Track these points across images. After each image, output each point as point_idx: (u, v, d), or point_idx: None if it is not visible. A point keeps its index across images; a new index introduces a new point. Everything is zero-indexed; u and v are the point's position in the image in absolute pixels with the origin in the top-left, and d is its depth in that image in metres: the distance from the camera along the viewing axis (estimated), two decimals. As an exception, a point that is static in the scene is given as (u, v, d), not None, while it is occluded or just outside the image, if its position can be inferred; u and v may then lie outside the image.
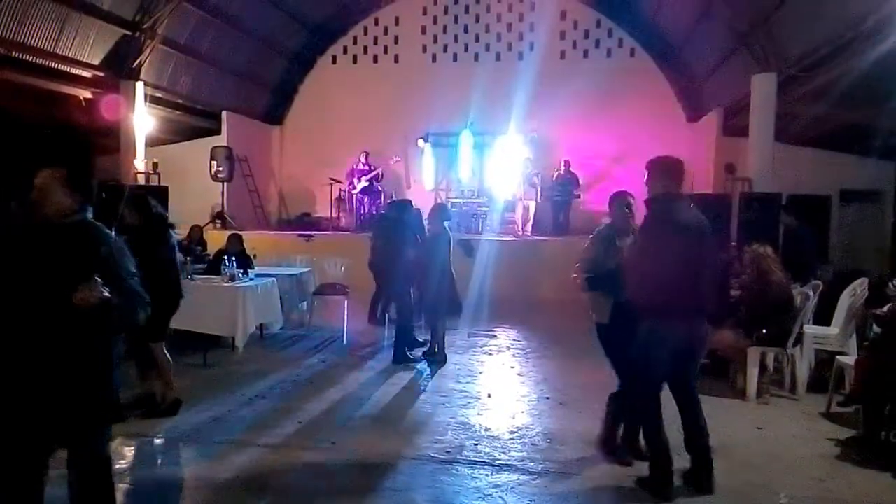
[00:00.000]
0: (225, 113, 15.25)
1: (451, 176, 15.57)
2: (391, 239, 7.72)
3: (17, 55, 10.36)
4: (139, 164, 12.53)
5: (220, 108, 15.25)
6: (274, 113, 17.40)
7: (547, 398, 6.02)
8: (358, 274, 9.06)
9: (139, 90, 12.55)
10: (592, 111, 14.94)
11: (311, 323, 8.86)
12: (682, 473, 4.08)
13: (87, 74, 11.91)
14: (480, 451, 4.68)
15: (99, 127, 12.33)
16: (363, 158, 14.61)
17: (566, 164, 14.26)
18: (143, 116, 12.67)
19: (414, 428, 5.16)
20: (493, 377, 6.80)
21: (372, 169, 14.55)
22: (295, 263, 9.58)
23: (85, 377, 2.74)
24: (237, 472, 4.27)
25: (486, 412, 5.58)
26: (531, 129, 14.78)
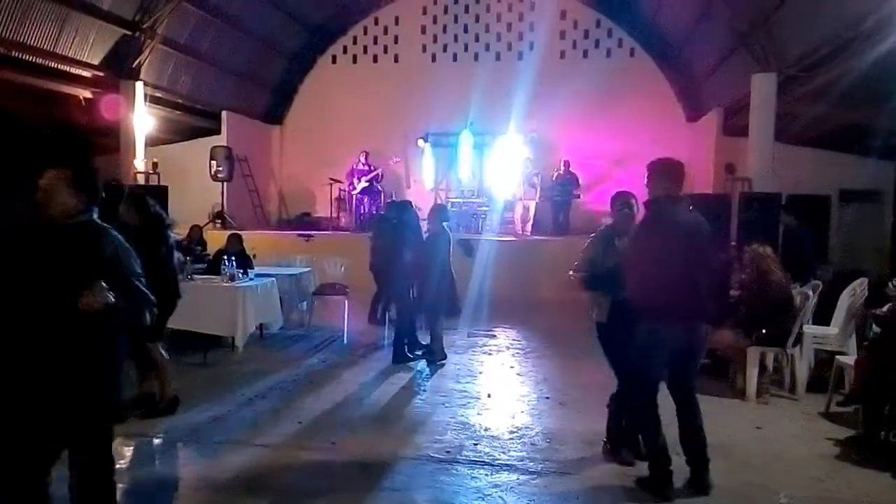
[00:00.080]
0: (225, 113, 15.25)
1: (450, 176, 15.57)
2: (390, 240, 7.72)
3: (16, 55, 10.35)
4: (139, 163, 12.53)
5: (219, 107, 15.25)
6: (274, 113, 17.40)
7: (546, 398, 6.02)
8: (357, 274, 9.06)
9: (139, 90, 12.54)
10: (592, 111, 14.93)
11: (310, 323, 8.86)
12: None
13: (86, 74, 11.90)
14: (480, 450, 4.69)
15: (99, 127, 12.33)
16: (363, 158, 14.60)
17: (566, 164, 14.26)
18: (142, 116, 12.67)
19: (413, 428, 5.16)
20: (492, 377, 6.80)
21: (372, 169, 14.54)
22: (295, 263, 9.58)
23: (87, 377, 2.74)
24: (237, 471, 4.28)
25: (485, 412, 5.58)
26: (531, 129, 14.78)
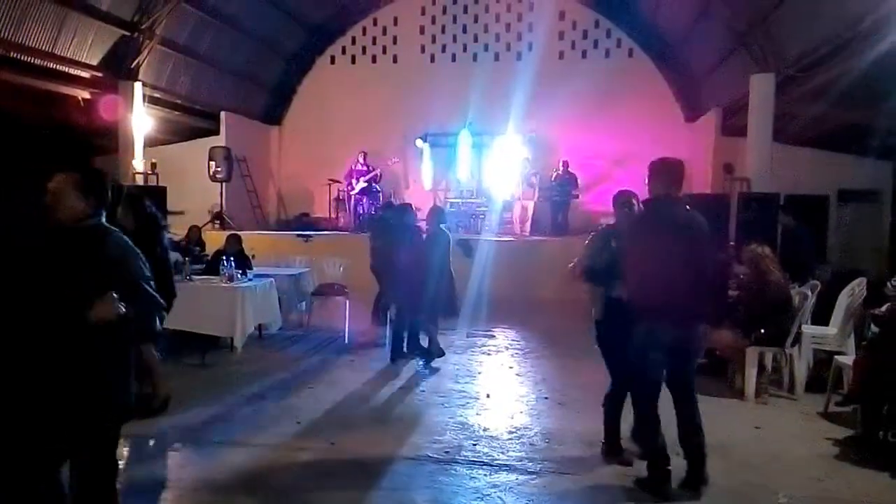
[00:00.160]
0: (223, 113, 15.23)
1: (449, 176, 15.56)
2: (388, 240, 7.72)
3: (15, 55, 10.33)
4: (138, 164, 12.51)
5: (218, 108, 15.23)
6: (272, 113, 17.39)
7: (545, 398, 6.02)
8: (357, 274, 9.06)
9: (137, 90, 12.52)
10: (591, 111, 14.93)
11: (309, 323, 8.86)
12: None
13: (85, 75, 11.89)
14: (479, 451, 4.68)
15: (97, 127, 12.31)
16: (361, 159, 14.60)
17: (565, 164, 14.26)
18: (141, 117, 12.65)
19: (412, 428, 5.15)
20: (491, 377, 6.80)
21: (370, 169, 14.55)
22: (293, 264, 9.58)
23: (95, 379, 2.71)
24: (236, 472, 4.27)
25: (484, 412, 5.58)
26: (530, 129, 14.78)
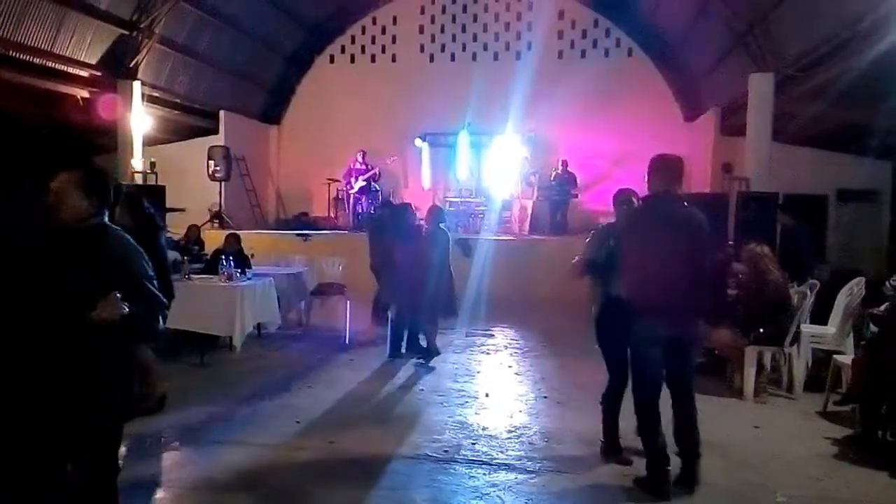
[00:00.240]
0: (222, 112, 15.20)
1: (448, 175, 15.57)
2: (386, 239, 7.72)
3: (14, 54, 10.31)
4: (136, 163, 12.48)
5: (217, 107, 15.21)
6: (271, 112, 17.37)
7: (545, 397, 6.02)
8: (356, 273, 9.05)
9: (136, 90, 12.49)
10: (590, 111, 14.92)
11: (308, 322, 8.86)
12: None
13: (84, 74, 11.87)
14: (478, 450, 4.69)
15: (96, 126, 12.28)
16: (360, 158, 14.59)
17: (564, 163, 14.27)
18: (140, 116, 12.62)
19: (412, 427, 5.15)
20: (490, 376, 6.80)
21: (369, 168, 14.54)
22: (292, 263, 9.56)
23: (92, 378, 2.70)
24: (235, 471, 4.27)
25: (483, 411, 5.58)
26: (529, 128, 14.78)
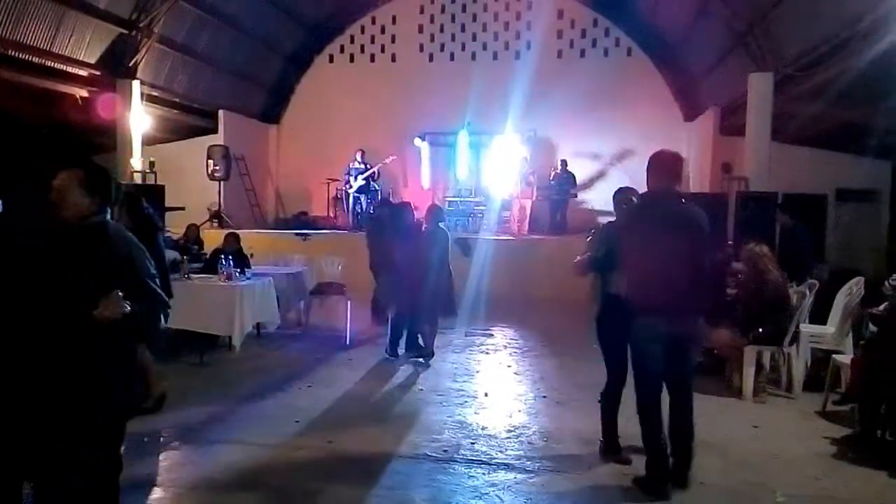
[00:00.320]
0: (222, 112, 15.20)
1: (448, 175, 15.57)
2: (384, 238, 7.72)
3: (13, 53, 10.31)
4: (136, 163, 12.47)
5: (216, 106, 15.20)
6: (271, 112, 17.37)
7: (544, 397, 6.02)
8: (355, 273, 9.04)
9: (136, 89, 12.48)
10: (589, 110, 14.91)
11: (308, 322, 8.86)
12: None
13: (83, 73, 11.86)
14: (477, 449, 4.68)
15: (95, 126, 12.28)
16: (359, 157, 14.58)
17: (563, 163, 14.27)
18: (139, 115, 12.61)
19: (411, 427, 5.15)
20: (489, 376, 6.80)
21: (368, 167, 14.54)
22: (292, 262, 9.56)
23: (93, 377, 2.68)
24: (235, 470, 4.27)
25: (482, 411, 5.58)
26: (528, 128, 14.78)
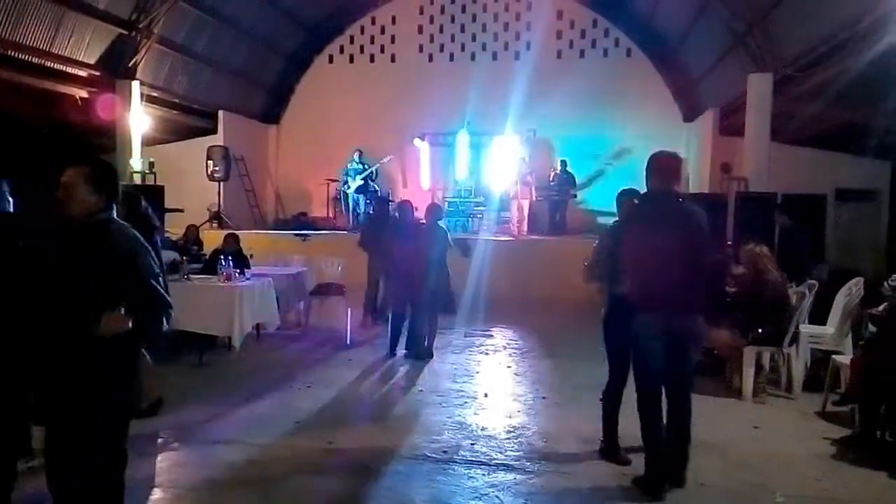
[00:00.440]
0: (221, 112, 15.22)
1: (448, 175, 15.57)
2: (383, 238, 7.72)
3: (12, 54, 10.31)
4: (135, 163, 12.48)
5: (216, 107, 15.22)
6: (270, 112, 17.38)
7: (543, 398, 6.02)
8: (355, 273, 9.05)
9: (135, 89, 12.49)
10: (589, 110, 14.95)
11: (307, 323, 8.85)
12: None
13: (83, 73, 11.86)
14: (477, 450, 4.68)
15: (95, 126, 12.27)
16: (356, 157, 14.59)
17: (563, 163, 14.28)
18: (139, 116, 12.61)
19: (411, 427, 5.15)
20: (489, 377, 6.80)
21: (366, 167, 14.54)
22: (291, 263, 9.54)
23: (93, 377, 2.69)
24: (234, 471, 4.27)
25: (482, 412, 5.58)
26: (528, 128, 14.79)
